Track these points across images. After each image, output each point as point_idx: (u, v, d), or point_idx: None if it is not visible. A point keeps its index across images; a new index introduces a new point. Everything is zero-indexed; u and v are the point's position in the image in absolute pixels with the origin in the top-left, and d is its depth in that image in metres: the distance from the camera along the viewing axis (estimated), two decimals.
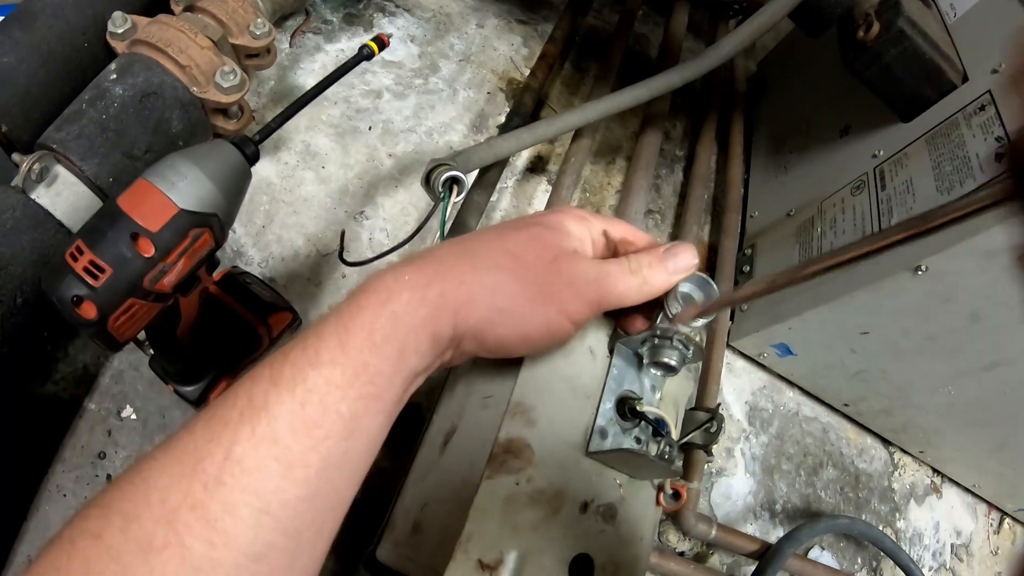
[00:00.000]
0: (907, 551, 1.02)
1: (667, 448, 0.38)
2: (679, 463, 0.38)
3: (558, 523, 0.36)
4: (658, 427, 0.39)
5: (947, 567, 1.10)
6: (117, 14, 0.62)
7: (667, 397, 0.43)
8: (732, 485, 0.84)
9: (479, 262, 0.33)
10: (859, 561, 0.94)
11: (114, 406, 0.64)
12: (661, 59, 1.00)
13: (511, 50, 1.00)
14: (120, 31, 0.62)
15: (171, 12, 0.67)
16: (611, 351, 0.41)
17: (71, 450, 0.61)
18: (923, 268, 0.66)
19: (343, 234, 0.58)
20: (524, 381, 0.40)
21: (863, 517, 0.97)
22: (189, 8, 0.67)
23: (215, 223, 0.46)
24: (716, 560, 0.79)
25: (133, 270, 0.42)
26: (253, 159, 0.51)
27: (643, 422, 0.39)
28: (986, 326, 0.71)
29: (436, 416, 0.47)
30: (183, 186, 0.43)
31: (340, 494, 0.31)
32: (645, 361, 0.39)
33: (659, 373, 0.41)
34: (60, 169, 0.55)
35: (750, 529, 0.83)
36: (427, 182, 0.58)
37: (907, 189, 0.72)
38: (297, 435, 0.28)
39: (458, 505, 0.37)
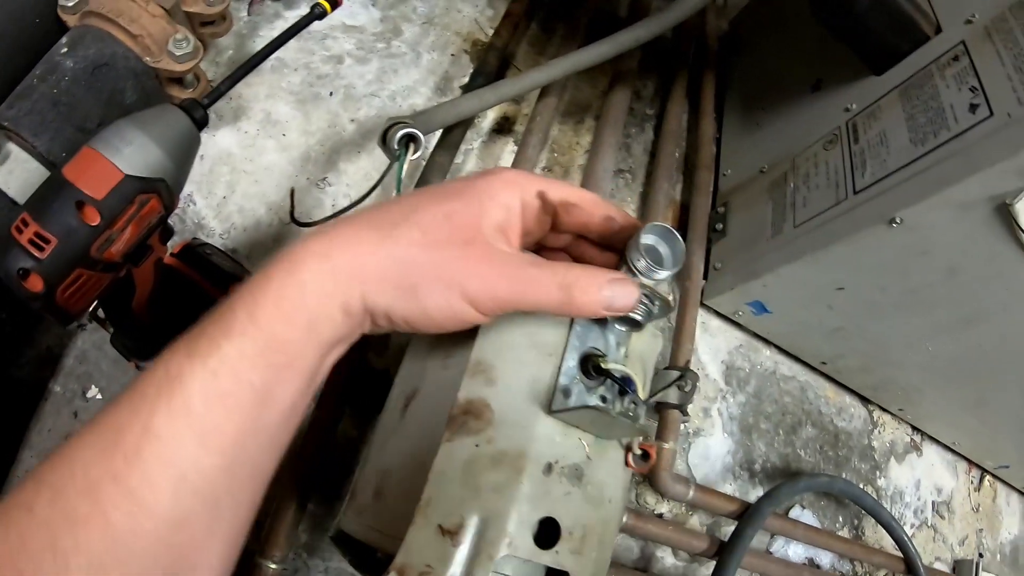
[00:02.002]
0: (888, 509, 1.03)
1: (632, 406, 0.36)
2: (647, 422, 0.37)
3: (521, 485, 0.34)
4: (624, 385, 0.37)
5: (928, 524, 1.12)
6: None
7: (634, 355, 0.42)
8: (710, 445, 0.83)
9: (388, 234, 0.32)
10: (840, 519, 0.94)
11: (79, 387, 0.64)
12: (631, 18, 0.97)
13: (476, 11, 0.97)
14: (71, 4, 0.61)
15: None
16: None
17: (38, 434, 0.61)
18: (898, 220, 0.64)
19: (292, 193, 0.56)
20: (484, 339, 0.38)
21: (843, 476, 0.97)
22: None
23: (163, 188, 0.46)
24: (696, 521, 0.79)
25: (79, 239, 0.41)
26: (202, 123, 0.51)
27: (608, 380, 0.37)
28: (963, 280, 0.70)
29: (398, 379, 0.45)
30: (128, 152, 0.43)
31: (257, 463, 0.31)
32: (610, 317, 0.38)
33: (624, 329, 0.39)
34: (12, 146, 0.54)
35: (729, 489, 0.82)
36: (384, 142, 0.55)
37: (880, 142, 0.71)
38: (210, 405, 0.28)
39: (418, 470, 0.36)
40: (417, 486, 0.35)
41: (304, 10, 0.86)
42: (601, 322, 0.39)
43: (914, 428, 1.13)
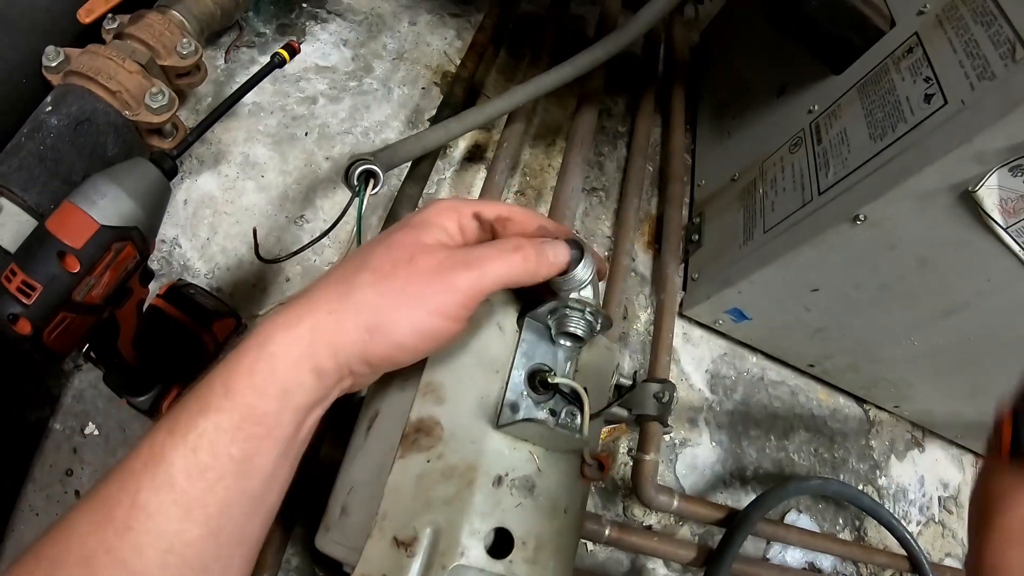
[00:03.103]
0: (891, 508, 1.02)
1: (570, 417, 0.37)
2: (586, 432, 0.38)
3: (471, 497, 0.35)
4: (570, 398, 0.38)
5: (936, 520, 1.10)
6: (50, 48, 0.65)
7: (586, 369, 0.43)
8: (698, 455, 0.83)
9: (344, 288, 0.34)
10: (840, 522, 0.94)
11: (77, 424, 0.66)
12: (598, 38, 0.99)
13: (444, 44, 0.99)
14: (54, 64, 0.65)
15: (103, 41, 0.69)
16: (520, 326, 0.41)
17: (40, 469, 0.64)
18: (861, 217, 0.65)
19: (255, 232, 0.58)
20: (434, 360, 0.39)
21: (841, 477, 0.96)
22: (119, 36, 0.68)
23: (136, 235, 0.49)
24: (687, 531, 0.79)
25: (61, 285, 0.45)
26: (171, 173, 0.54)
27: (556, 394, 0.39)
28: (936, 270, 0.70)
29: (365, 402, 0.47)
30: (103, 204, 0.46)
31: (244, 530, 0.32)
32: (553, 332, 0.39)
33: (568, 343, 0.40)
34: (3, 200, 0.57)
35: (720, 498, 0.82)
36: (346, 178, 0.57)
37: (842, 140, 0.72)
38: (192, 479, 0.30)
39: (378, 486, 0.37)
40: (377, 502, 0.36)
41: None
42: (548, 338, 0.40)
43: (913, 424, 1.12)
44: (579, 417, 0.38)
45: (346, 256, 0.38)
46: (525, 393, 0.38)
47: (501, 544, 0.36)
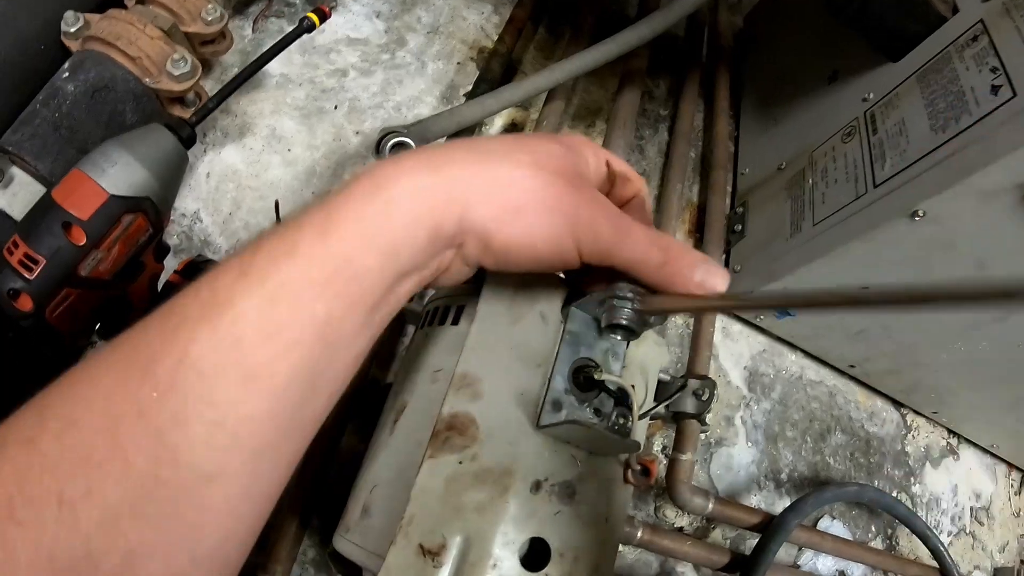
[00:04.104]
0: (923, 516, 0.99)
1: (620, 420, 0.34)
2: (640, 436, 0.35)
3: (506, 504, 0.32)
4: (618, 397, 0.35)
5: (967, 531, 1.07)
6: (69, 13, 0.63)
7: (633, 365, 0.40)
8: (733, 455, 0.80)
9: (496, 156, 0.30)
10: (873, 529, 0.90)
11: None
12: (640, 17, 0.95)
13: (481, 19, 0.95)
14: (73, 30, 0.63)
15: (124, 6, 0.66)
16: (565, 316, 0.37)
17: None
18: (920, 213, 0.62)
19: (276, 204, 0.55)
20: (470, 351, 0.36)
21: (875, 483, 0.93)
22: (141, 1, 0.66)
23: (148, 207, 0.47)
24: (719, 534, 0.76)
25: (66, 259, 0.42)
26: (189, 141, 0.51)
27: (603, 393, 0.35)
28: (992, 269, 0.66)
29: (392, 392, 0.44)
30: (113, 172, 0.44)
31: (307, 414, 0.27)
32: (602, 324, 0.35)
33: (618, 337, 0.37)
34: (16, 170, 0.55)
35: (754, 501, 0.79)
36: (377, 150, 0.54)
37: (900, 131, 0.68)
38: (264, 337, 0.24)
39: (404, 487, 0.34)
40: (402, 504, 0.33)
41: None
42: (595, 331, 0.37)
43: (950, 431, 1.09)
44: (629, 419, 0.35)
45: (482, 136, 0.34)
46: (568, 390, 0.35)
47: (537, 555, 0.33)
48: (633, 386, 0.36)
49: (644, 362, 0.40)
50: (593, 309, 0.36)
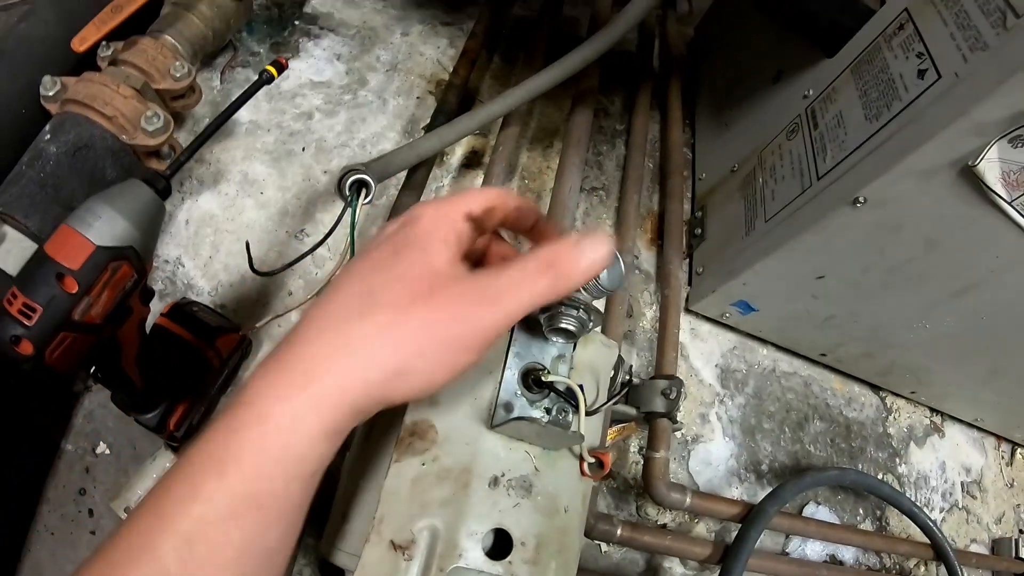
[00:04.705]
0: (913, 496, 1.01)
1: (561, 414, 0.37)
2: (594, 430, 0.37)
3: (467, 499, 0.35)
4: (565, 396, 0.38)
5: (960, 506, 1.08)
6: (46, 78, 0.67)
7: (581, 366, 0.42)
8: (711, 451, 0.82)
9: (355, 333, 0.30)
10: (860, 512, 0.92)
11: (89, 444, 0.68)
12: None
13: (437, 52, 1.00)
14: (51, 93, 0.67)
15: (98, 69, 0.70)
16: (512, 327, 0.40)
17: (54, 490, 0.66)
18: (861, 200, 0.64)
19: (247, 245, 0.58)
20: None
21: (859, 467, 0.95)
22: (113, 62, 0.70)
23: (132, 255, 0.50)
24: (703, 528, 0.78)
25: (61, 306, 0.46)
26: (165, 193, 0.55)
27: (551, 392, 0.38)
28: (943, 250, 0.69)
29: None
30: (98, 225, 0.47)
31: None
32: (544, 330, 0.38)
33: (560, 340, 0.39)
34: (7, 229, 0.59)
35: (736, 493, 0.81)
36: (338, 188, 0.57)
37: (838, 123, 0.71)
38: (190, 573, 0.26)
39: (374, 490, 0.37)
40: (373, 506, 0.36)
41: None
42: (540, 337, 0.40)
43: (932, 410, 1.10)
44: (570, 413, 0.37)
45: (341, 278, 0.33)
46: (519, 392, 0.38)
47: (500, 545, 0.35)
48: (581, 385, 0.38)
49: (594, 362, 0.43)
50: (536, 315, 0.39)
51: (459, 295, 0.31)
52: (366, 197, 0.56)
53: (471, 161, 0.90)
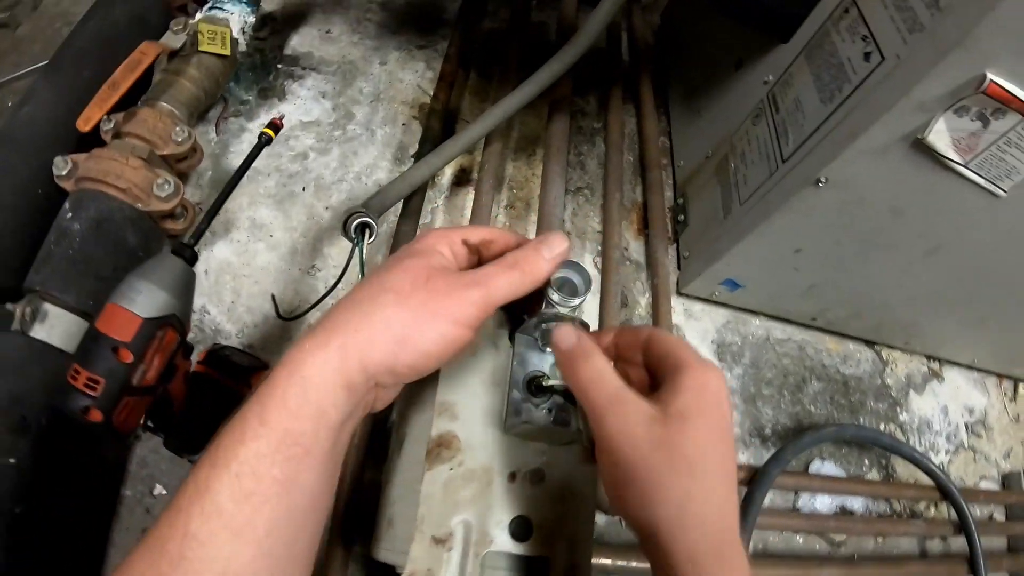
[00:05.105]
0: (916, 442, 1.05)
1: (561, 414, 0.43)
2: (579, 424, 0.43)
3: (492, 494, 0.41)
4: (565, 396, 0.44)
5: (966, 446, 1.12)
6: (58, 159, 0.71)
7: None
8: None
9: (366, 307, 0.37)
10: (866, 463, 0.98)
11: (146, 487, 0.74)
12: (560, 42, 1.04)
13: (416, 77, 1.05)
14: (64, 173, 0.71)
15: (103, 142, 0.75)
16: (513, 342, 0.46)
17: (119, 534, 0.71)
18: (823, 180, 0.69)
19: (273, 297, 0.64)
20: (444, 384, 0.45)
21: (861, 420, 1.00)
22: (117, 135, 0.74)
23: (174, 320, 0.57)
24: None
25: (120, 375, 0.52)
26: (192, 260, 0.61)
27: (553, 395, 0.44)
28: (910, 216, 0.74)
29: (393, 431, 0.53)
30: (141, 300, 0.54)
31: (293, 547, 0.34)
32: (540, 343, 0.44)
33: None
34: (47, 306, 0.64)
35: (742, 459, 0.87)
36: (344, 229, 0.63)
37: (796, 107, 0.75)
38: (239, 504, 0.32)
39: (412, 497, 0.43)
40: (415, 510, 0.42)
41: (264, 118, 0.97)
42: (537, 349, 0.45)
43: (928, 357, 1.14)
44: (569, 411, 0.43)
45: (357, 284, 0.41)
46: (524, 399, 0.44)
47: (523, 529, 0.42)
48: None
49: None
50: (532, 332, 0.45)
51: (451, 281, 0.38)
52: (370, 236, 0.62)
53: (460, 179, 0.96)
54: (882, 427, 1.03)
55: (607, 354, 0.41)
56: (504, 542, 0.41)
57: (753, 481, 0.75)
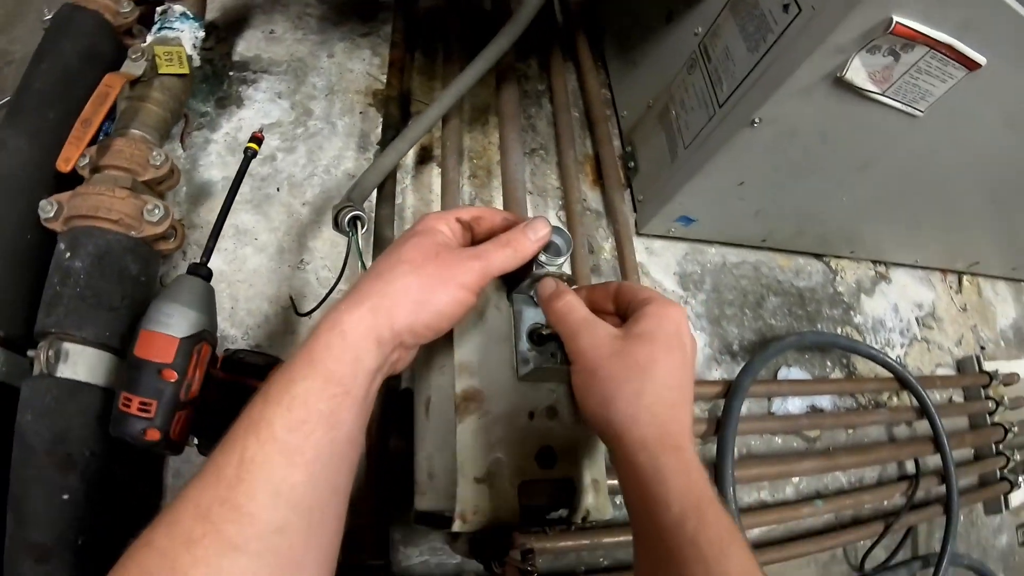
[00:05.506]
0: (873, 340, 1.16)
1: (563, 353, 0.50)
2: None
3: (517, 432, 0.49)
4: (559, 338, 0.51)
5: (919, 338, 1.23)
6: (43, 202, 0.72)
7: None
8: None
9: (387, 276, 0.44)
10: (828, 364, 1.08)
11: None
12: (496, 11, 1.10)
13: (365, 65, 1.09)
14: (52, 215, 0.72)
15: (81, 178, 0.76)
16: (512, 301, 0.53)
17: None
18: (757, 120, 0.76)
19: (291, 297, 0.70)
20: (459, 346, 0.52)
21: (818, 327, 1.10)
22: (95, 170, 0.76)
23: (207, 335, 0.62)
24: (696, 409, 0.93)
25: (170, 394, 0.58)
26: (209, 276, 0.66)
27: (553, 341, 0.52)
28: (838, 140, 0.82)
29: (415, 397, 0.60)
30: (173, 322, 0.59)
31: (334, 478, 0.40)
32: (536, 299, 0.52)
33: None
34: (67, 345, 0.66)
35: (716, 375, 0.96)
36: (336, 225, 0.69)
37: (727, 56, 0.81)
38: (292, 431, 0.37)
39: (449, 448, 0.50)
40: (452, 458, 0.49)
41: (227, 127, 1.00)
42: (534, 304, 0.53)
43: (874, 262, 1.25)
44: (562, 351, 0.50)
45: (375, 260, 0.48)
46: (530, 348, 0.51)
47: (547, 457, 0.50)
48: None
49: None
50: (526, 291, 0.53)
51: (456, 255, 0.46)
52: (362, 227, 0.68)
53: (423, 157, 1.01)
54: (839, 331, 1.13)
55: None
56: (533, 470, 0.49)
57: (729, 393, 0.84)
